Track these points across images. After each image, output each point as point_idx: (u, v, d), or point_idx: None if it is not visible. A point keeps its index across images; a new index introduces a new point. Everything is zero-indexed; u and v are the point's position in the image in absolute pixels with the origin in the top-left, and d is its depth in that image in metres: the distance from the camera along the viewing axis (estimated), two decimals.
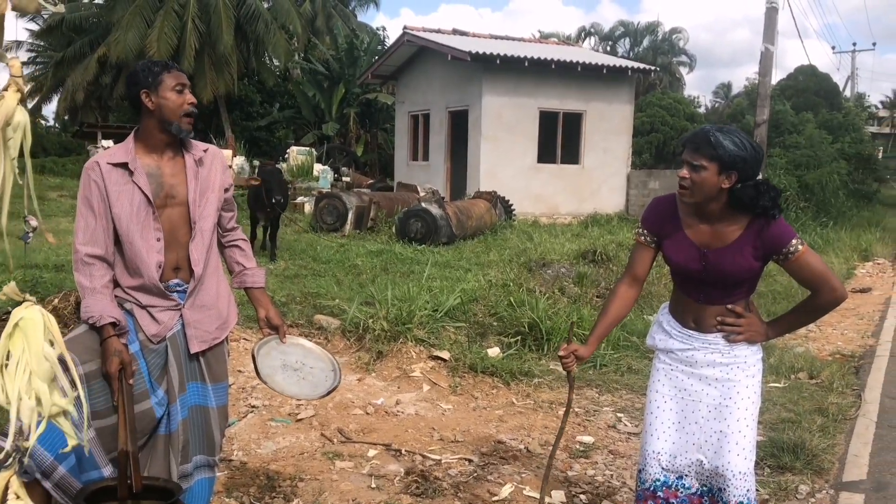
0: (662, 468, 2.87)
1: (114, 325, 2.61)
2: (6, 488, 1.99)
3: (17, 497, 2.00)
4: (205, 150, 2.92)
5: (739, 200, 2.60)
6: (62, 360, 1.95)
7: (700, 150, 2.58)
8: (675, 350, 2.87)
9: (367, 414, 5.08)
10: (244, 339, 6.36)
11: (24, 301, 1.98)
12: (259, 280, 3.10)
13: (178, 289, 2.80)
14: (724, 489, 2.73)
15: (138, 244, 2.70)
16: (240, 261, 3.11)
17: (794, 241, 2.60)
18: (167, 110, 2.73)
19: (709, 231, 2.70)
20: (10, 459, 2.04)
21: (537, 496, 3.91)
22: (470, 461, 4.35)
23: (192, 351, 2.79)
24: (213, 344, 2.87)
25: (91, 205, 2.70)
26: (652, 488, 2.89)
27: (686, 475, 2.85)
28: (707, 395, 2.81)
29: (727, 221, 2.66)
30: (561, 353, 2.95)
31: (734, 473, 2.71)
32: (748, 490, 2.72)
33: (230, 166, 16.78)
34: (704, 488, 2.83)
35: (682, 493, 2.86)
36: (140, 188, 2.71)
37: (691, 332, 2.82)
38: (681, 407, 2.87)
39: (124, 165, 2.71)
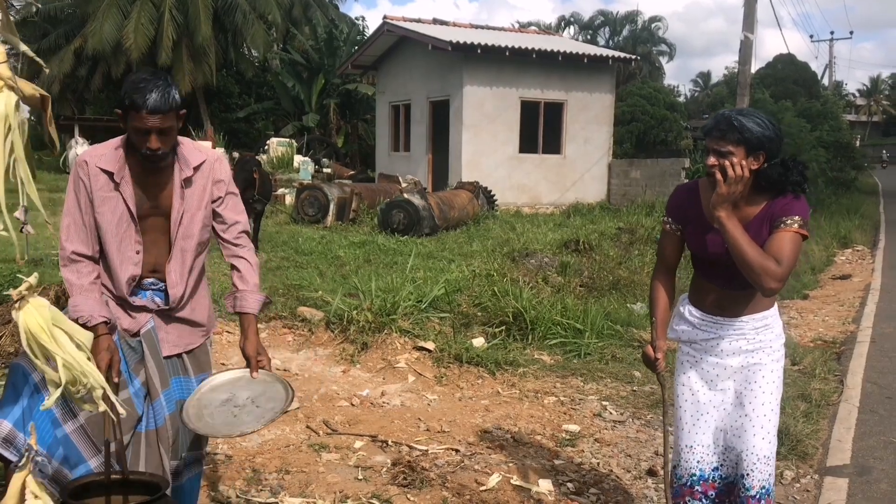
0: (697, 461, 2.83)
1: (105, 323, 2.57)
2: (23, 488, 1.98)
3: (35, 497, 2.00)
4: (198, 165, 2.74)
5: (768, 179, 2.57)
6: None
7: (726, 136, 2.53)
8: (699, 340, 2.83)
9: (353, 406, 5.06)
10: (227, 332, 6.31)
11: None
12: (249, 305, 2.81)
13: (154, 287, 2.75)
14: (748, 474, 2.70)
15: (114, 255, 2.65)
16: (235, 282, 2.85)
17: (796, 218, 2.54)
18: (132, 139, 2.60)
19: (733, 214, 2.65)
20: (24, 460, 2.02)
21: (524, 485, 3.92)
22: (456, 451, 4.34)
23: (164, 354, 2.73)
24: (187, 349, 2.81)
25: (79, 202, 2.63)
26: (689, 483, 2.85)
27: (722, 465, 2.83)
28: (734, 381, 2.80)
29: (750, 202, 2.63)
30: (658, 355, 2.85)
31: (758, 457, 2.68)
32: (770, 475, 2.70)
33: None
34: (736, 475, 2.79)
35: (718, 484, 2.83)
36: (125, 199, 2.63)
37: (716, 317, 2.78)
38: (708, 398, 2.84)
39: (111, 174, 2.62)
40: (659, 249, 2.98)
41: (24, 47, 1.86)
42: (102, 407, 2.19)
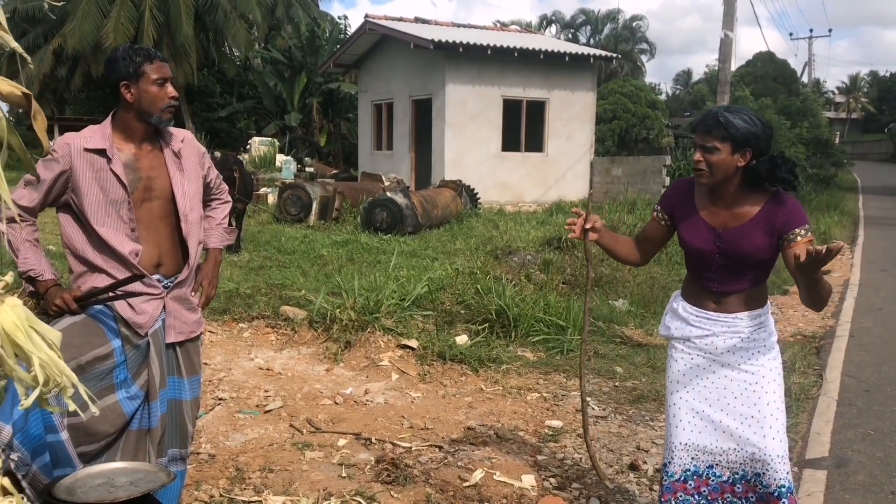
0: (692, 457, 2.81)
1: (57, 284, 2.62)
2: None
3: (5, 493, 1.98)
4: (182, 140, 2.85)
5: (757, 176, 2.60)
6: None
7: (711, 131, 2.57)
8: (693, 338, 2.83)
9: (336, 404, 5.07)
10: (210, 331, 6.30)
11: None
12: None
13: (161, 284, 2.76)
14: (763, 474, 2.68)
15: (110, 235, 2.63)
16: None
17: (805, 227, 2.59)
18: (147, 103, 2.64)
19: (726, 213, 2.70)
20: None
21: (508, 481, 3.94)
22: (440, 448, 4.36)
23: (168, 340, 2.74)
24: (190, 337, 2.85)
25: (44, 176, 2.59)
26: (682, 478, 2.82)
27: (717, 464, 2.79)
28: (731, 380, 2.77)
29: (744, 202, 2.67)
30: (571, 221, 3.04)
31: (772, 457, 2.66)
32: (787, 472, 2.68)
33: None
34: (736, 476, 2.76)
35: (712, 481, 2.80)
36: (117, 177, 2.63)
37: (711, 313, 2.79)
38: (704, 395, 2.81)
39: (101, 152, 2.63)
40: (641, 229, 3.04)
41: (13, 43, 1.83)
42: (72, 406, 2.17)
